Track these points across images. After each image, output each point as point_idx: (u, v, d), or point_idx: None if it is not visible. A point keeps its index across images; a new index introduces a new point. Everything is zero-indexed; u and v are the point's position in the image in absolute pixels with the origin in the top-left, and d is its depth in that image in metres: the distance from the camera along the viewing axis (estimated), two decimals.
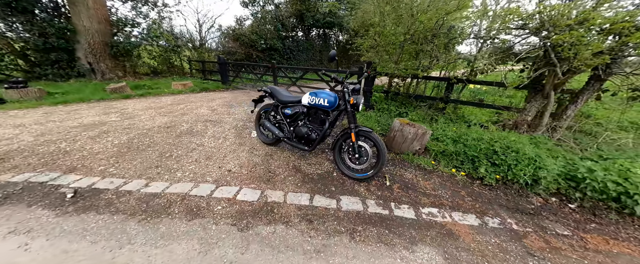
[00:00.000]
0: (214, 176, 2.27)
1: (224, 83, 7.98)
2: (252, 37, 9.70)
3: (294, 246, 1.47)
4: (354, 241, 1.56)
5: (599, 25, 2.28)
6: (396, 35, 3.81)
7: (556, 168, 2.21)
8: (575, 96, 2.76)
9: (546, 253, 1.60)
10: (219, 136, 3.35)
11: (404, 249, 1.53)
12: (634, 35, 2.09)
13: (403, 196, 2.15)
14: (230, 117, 4.40)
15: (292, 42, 11.68)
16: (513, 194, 2.27)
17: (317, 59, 13.57)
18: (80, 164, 2.40)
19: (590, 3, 2.53)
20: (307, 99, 2.45)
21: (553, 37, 2.37)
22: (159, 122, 3.89)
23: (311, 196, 2.02)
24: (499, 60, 3.20)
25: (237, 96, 6.45)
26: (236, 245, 1.45)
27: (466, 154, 2.62)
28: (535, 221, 1.92)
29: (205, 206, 1.81)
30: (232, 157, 2.68)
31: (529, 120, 3.04)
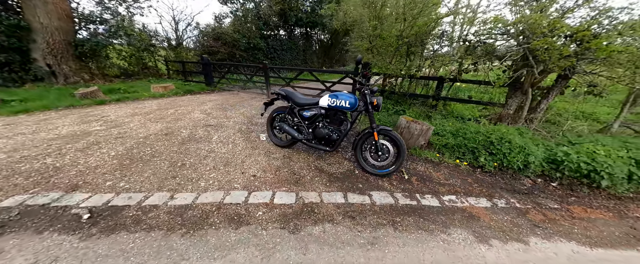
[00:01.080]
0: (241, 182, 2.23)
1: (208, 85, 7.57)
2: (234, 36, 9.31)
3: (348, 241, 1.57)
4: (398, 231, 1.71)
5: (565, 33, 2.74)
6: (392, 38, 4.06)
7: (540, 154, 2.63)
8: (547, 92, 3.28)
9: (546, 224, 1.93)
10: (226, 141, 3.24)
11: (441, 233, 1.72)
12: (592, 42, 2.57)
13: (423, 187, 2.36)
14: (229, 120, 4.25)
15: (276, 41, 11.48)
16: (508, 178, 2.64)
17: (302, 58, 13.52)
18: (82, 181, 2.16)
19: (555, 14, 3.04)
20: (327, 101, 2.53)
21: (532, 43, 2.78)
22: (153, 129, 3.60)
23: (344, 194, 2.12)
24: (483, 60, 3.63)
25: (227, 98, 6.20)
26: (295, 247, 1.49)
27: (466, 146, 2.95)
28: (531, 199, 2.28)
29: (246, 213, 1.80)
30: (252, 162, 2.64)
31: (511, 113, 3.52)
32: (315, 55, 14.74)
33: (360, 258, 1.45)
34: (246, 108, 5.26)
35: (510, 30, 3.09)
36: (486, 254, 1.57)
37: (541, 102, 3.37)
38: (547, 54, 2.74)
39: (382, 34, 4.29)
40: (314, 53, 14.60)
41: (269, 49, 11.20)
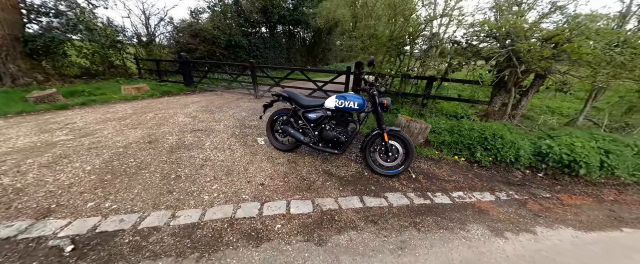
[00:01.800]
0: (249, 192, 2.07)
1: (187, 85, 7.01)
2: (214, 33, 8.74)
3: (378, 248, 1.53)
4: (421, 232, 1.72)
5: (544, 37, 3.02)
6: (385, 38, 4.12)
7: (528, 148, 2.87)
8: (527, 90, 3.59)
9: (544, 212, 2.10)
10: (222, 147, 3.01)
11: (461, 230, 1.77)
12: (566, 45, 2.86)
13: (431, 185, 2.42)
14: (219, 124, 3.96)
15: (258, 39, 11.06)
16: (502, 171, 2.84)
17: (285, 57, 13.22)
18: (54, 204, 1.82)
19: (532, 19, 3.33)
20: (334, 103, 2.46)
21: (516, 45, 3.01)
22: (133, 136, 3.21)
23: (360, 198, 2.08)
24: (470, 61, 3.86)
25: (212, 100, 5.79)
26: (326, 261, 1.41)
27: (462, 142, 3.10)
28: (525, 190, 2.47)
29: (263, 228, 1.66)
30: (256, 169, 2.47)
31: (496, 110, 3.79)
32: (299, 53, 14.53)
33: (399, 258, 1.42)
34: (235, 110, 4.96)
35: (495, 33, 3.31)
36: (505, 247, 1.64)
37: (521, 100, 3.69)
38: (529, 56, 2.98)
39: (377, 34, 4.33)
40: (297, 51, 14.38)
41: (252, 47, 10.75)
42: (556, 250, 1.65)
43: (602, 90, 3.67)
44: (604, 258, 1.61)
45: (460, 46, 3.77)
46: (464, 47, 3.74)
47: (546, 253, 1.62)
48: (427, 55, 4.17)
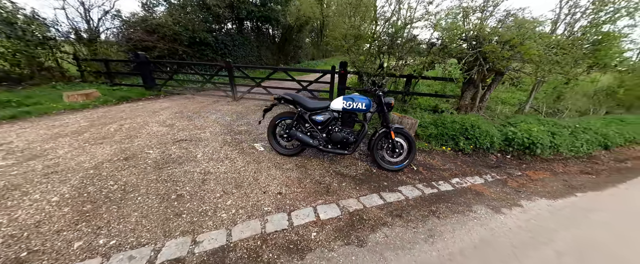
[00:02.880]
0: (269, 203, 1.97)
1: (149, 88, 6.14)
2: (175, 29, 7.79)
3: (413, 240, 1.64)
4: (441, 219, 1.90)
5: (503, 40, 3.56)
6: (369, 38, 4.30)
7: (498, 135, 3.38)
8: (489, 85, 4.20)
9: (522, 188, 2.53)
10: (218, 158, 2.76)
11: (470, 212, 2.01)
12: (520, 47, 3.44)
13: (431, 175, 2.67)
14: (204, 131, 3.61)
15: (226, 36, 10.28)
16: (481, 156, 3.29)
17: (256, 55, 12.61)
18: (25, 251, 1.44)
19: (492, 25, 3.89)
20: (342, 104, 2.50)
21: (483, 47, 3.50)
22: (101, 154, 2.70)
23: (379, 195, 2.18)
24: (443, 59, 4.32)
25: (184, 104, 5.20)
26: (374, 260, 1.45)
27: (447, 134, 3.48)
28: (503, 171, 2.92)
29: (299, 239, 1.62)
30: (267, 178, 2.35)
31: (467, 103, 4.34)
32: (270, 51, 14.00)
33: (432, 252, 1.55)
34: (216, 114, 4.57)
35: (465, 37, 3.77)
36: (505, 221, 1.94)
37: (485, 94, 4.30)
38: (493, 56, 3.50)
39: (362, 34, 4.48)
40: (267, 49, 13.84)
41: (219, 44, 9.94)
42: (541, 218, 2.01)
43: (541, 83, 4.53)
44: (572, 220, 2.04)
45: (436, 47, 4.18)
46: (439, 48, 4.16)
47: (535, 221, 1.97)
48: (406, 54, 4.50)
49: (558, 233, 1.83)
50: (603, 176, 2.95)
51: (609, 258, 1.63)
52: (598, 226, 1.98)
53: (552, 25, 4.18)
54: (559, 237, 1.79)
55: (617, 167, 3.26)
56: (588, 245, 1.73)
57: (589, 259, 1.60)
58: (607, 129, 3.85)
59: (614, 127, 3.97)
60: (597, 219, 2.06)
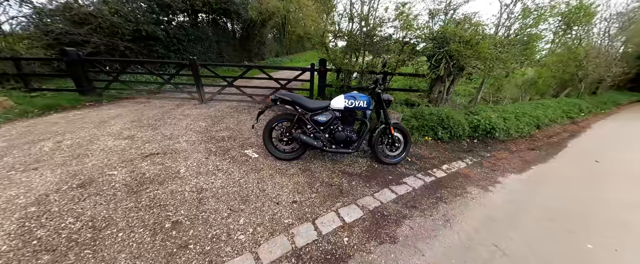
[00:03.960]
0: (288, 215, 1.82)
1: (84, 93, 4.95)
2: (113, 20, 6.42)
3: (434, 227, 1.75)
4: (448, 203, 2.08)
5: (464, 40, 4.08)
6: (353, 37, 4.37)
7: (466, 123, 3.89)
8: (453, 80, 4.78)
9: (494, 167, 2.98)
10: (207, 171, 2.42)
11: (466, 193, 2.27)
12: (476, 46, 4.00)
13: (424, 164, 2.91)
14: (178, 142, 3.12)
15: (180, 30, 9.02)
16: (456, 143, 3.74)
17: (215, 51, 11.46)
18: None
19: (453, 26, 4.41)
20: (343, 103, 2.47)
21: (450, 46, 3.94)
22: (40, 184, 2.06)
23: (390, 189, 2.25)
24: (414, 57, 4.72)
25: (140, 111, 4.38)
26: (411, 254, 1.49)
27: (427, 125, 3.83)
28: (476, 154, 3.38)
29: (333, 247, 1.54)
30: (274, 187, 2.17)
31: (435, 97, 4.85)
32: (231, 47, 12.91)
33: (454, 235, 1.69)
34: (186, 120, 3.99)
35: (434, 37, 4.18)
36: (494, 197, 2.26)
37: (450, 87, 4.88)
38: (458, 54, 3.98)
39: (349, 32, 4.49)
40: (228, 45, 12.72)
41: (170, 39, 8.64)
42: (516, 191, 2.41)
43: (488, 77, 5.39)
44: (537, 189, 2.50)
45: (408, 46, 4.51)
46: (411, 47, 4.51)
47: (514, 194, 2.34)
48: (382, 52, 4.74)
49: (533, 201, 2.23)
50: (543, 150, 3.72)
51: (571, 215, 2.06)
52: (555, 190, 2.48)
53: (495, 28, 5.00)
54: (534, 203, 2.18)
55: (549, 142, 4.15)
56: (553, 207, 2.15)
57: (557, 217, 1.99)
58: (536, 113, 4.86)
59: (540, 110, 5.04)
60: (552, 185, 2.58)
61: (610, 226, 1.96)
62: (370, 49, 4.82)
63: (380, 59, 4.81)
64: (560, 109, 5.71)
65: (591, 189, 2.57)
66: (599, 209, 2.19)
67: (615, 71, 8.01)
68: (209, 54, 10.89)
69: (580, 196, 2.42)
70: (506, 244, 1.66)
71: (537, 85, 6.52)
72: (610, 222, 2.00)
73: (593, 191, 2.53)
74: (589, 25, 6.44)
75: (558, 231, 1.84)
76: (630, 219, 2.04)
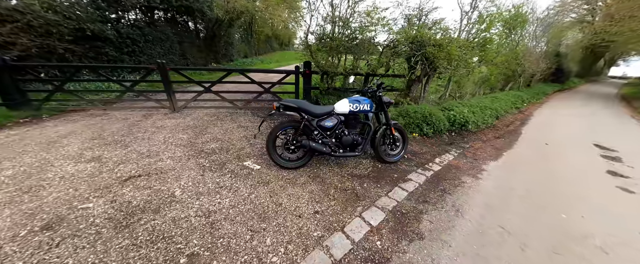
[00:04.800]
0: (314, 227, 1.77)
1: (14, 107, 3.98)
2: (48, 17, 5.26)
3: (449, 218, 1.91)
4: (452, 195, 2.29)
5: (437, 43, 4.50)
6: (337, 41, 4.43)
7: (445, 119, 4.32)
8: (428, 80, 5.24)
9: (475, 156, 3.37)
10: (208, 190, 2.20)
11: (464, 183, 2.53)
12: (447, 48, 4.46)
13: (419, 159, 3.13)
14: (160, 159, 2.75)
15: (134, 29, 7.88)
16: (439, 137, 4.12)
17: (178, 52, 10.38)
18: None
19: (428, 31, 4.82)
20: (348, 107, 2.50)
21: (426, 49, 4.31)
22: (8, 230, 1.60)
23: (400, 187, 2.36)
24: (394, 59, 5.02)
25: (99, 125, 3.71)
26: (438, 246, 1.60)
27: (413, 123, 4.13)
28: (457, 145, 3.78)
29: (371, 253, 1.56)
30: (290, 200, 2.08)
31: (414, 96, 5.25)
32: (196, 48, 11.82)
33: (468, 223, 1.86)
34: (161, 133, 3.53)
35: (412, 41, 4.52)
36: (485, 184, 2.56)
37: (425, 86, 5.33)
38: (433, 56, 4.38)
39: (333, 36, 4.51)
40: (193, 46, 11.63)
41: (123, 40, 7.52)
42: (500, 177, 2.77)
43: (454, 75, 6.05)
44: (513, 173, 2.92)
45: (389, 49, 4.78)
46: (390, 49, 4.78)
47: (499, 180, 2.69)
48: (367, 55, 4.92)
49: (513, 185, 2.59)
50: (506, 138, 4.35)
51: (541, 192, 2.47)
52: (524, 172, 2.93)
53: (458, 33, 5.63)
54: (514, 187, 2.54)
55: (508, 130, 4.87)
56: (528, 188, 2.55)
57: (533, 196, 2.37)
58: (494, 105, 5.65)
59: (497, 103, 5.88)
60: (521, 168, 3.05)
61: (570, 198, 2.40)
62: (353, 51, 4.96)
63: (364, 61, 4.99)
64: (509, 101, 6.75)
65: (548, 168, 3.11)
66: (558, 185, 2.67)
67: (543, 67, 9.83)
68: (170, 56, 9.82)
69: (543, 175, 2.91)
70: (508, 225, 1.90)
71: (490, 81, 7.59)
72: (569, 195, 2.46)
73: (550, 170, 3.06)
74: (523, 30, 7.75)
75: (538, 208, 2.18)
76: (582, 192, 2.53)
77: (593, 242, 1.80)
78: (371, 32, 4.69)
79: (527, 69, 8.59)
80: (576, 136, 4.77)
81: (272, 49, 25.51)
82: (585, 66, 16.61)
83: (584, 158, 3.54)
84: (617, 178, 2.91)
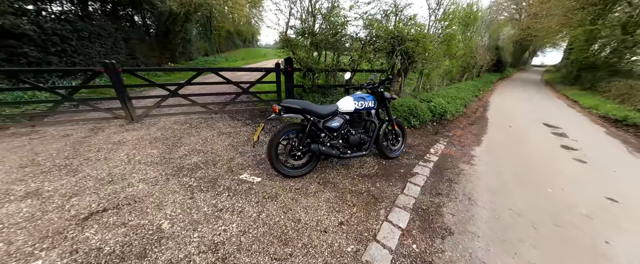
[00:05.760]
0: (346, 241, 1.60)
1: None
2: None
3: (463, 208, 1.97)
4: (457, 183, 2.39)
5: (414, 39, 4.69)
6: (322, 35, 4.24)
7: (428, 110, 4.56)
8: (405, 74, 5.46)
9: (461, 144, 3.62)
10: (206, 216, 1.85)
11: (462, 171, 2.67)
12: (423, 42, 4.68)
13: (417, 152, 3.21)
14: (129, 183, 2.24)
15: (62, 23, 6.35)
16: (424, 128, 4.32)
17: (125, 52, 8.83)
18: None
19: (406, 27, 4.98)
20: (353, 105, 2.38)
21: (405, 44, 4.45)
22: None
23: (412, 183, 2.35)
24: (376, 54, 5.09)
25: (31, 147, 2.85)
26: (472, 238, 1.61)
27: (401, 116, 4.24)
28: (443, 134, 4.01)
29: (412, 260, 1.47)
30: (308, 213, 1.87)
31: (396, 90, 5.43)
32: (147, 46, 10.20)
33: (482, 210, 1.95)
34: (124, 149, 2.90)
35: (392, 36, 4.61)
36: (480, 169, 2.75)
37: (404, 81, 5.56)
38: (412, 51, 4.56)
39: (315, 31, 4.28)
40: (143, 43, 10.00)
41: (48, 37, 6.01)
42: (489, 162, 3.01)
43: (426, 69, 6.47)
44: (496, 157, 3.21)
45: (370, 45, 4.80)
46: (370, 44, 4.82)
47: (489, 165, 2.92)
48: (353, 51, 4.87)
49: (500, 167, 2.85)
50: (478, 124, 4.82)
51: (524, 171, 2.76)
52: (503, 155, 3.25)
53: (427, 29, 5.99)
54: (502, 169, 2.79)
55: (476, 116, 5.41)
56: (512, 169, 2.82)
57: (519, 175, 2.64)
58: (461, 95, 6.23)
59: (462, 93, 6.50)
60: (500, 151, 3.38)
61: (547, 174, 2.74)
62: (336, 47, 4.84)
63: (347, 58, 4.91)
64: (469, 90, 7.54)
65: (521, 150, 3.52)
66: (534, 163, 3.03)
67: (488, 59, 11.31)
68: (114, 56, 8.29)
69: (519, 156, 3.28)
70: (514, 206, 2.05)
71: (452, 73, 8.37)
72: (545, 171, 2.81)
73: (523, 151, 3.47)
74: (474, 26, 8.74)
75: (528, 187, 2.43)
76: (552, 167, 2.92)
77: (579, 211, 2.05)
78: (353, 27, 4.64)
79: (478, 61, 9.74)
80: (527, 117, 5.57)
81: (235, 46, 23.86)
82: (516, 57, 19.84)
83: (541, 137, 4.14)
84: (570, 151, 3.46)
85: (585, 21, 9.71)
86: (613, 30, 9.31)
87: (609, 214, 2.04)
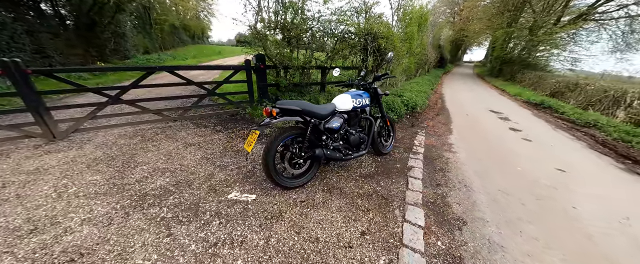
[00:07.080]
0: (373, 254, 1.47)
1: None
2: None
3: (469, 197, 2.07)
4: (450, 172, 2.54)
5: (384, 35, 4.87)
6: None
7: (402, 104, 4.81)
8: (377, 70, 5.65)
9: (437, 134, 3.92)
10: (202, 257, 1.46)
11: (448, 160, 2.85)
12: (392, 39, 4.91)
13: (404, 145, 3.31)
14: (68, 229, 1.65)
15: None
16: (400, 121, 4.54)
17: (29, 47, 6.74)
18: None
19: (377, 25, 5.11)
20: (351, 103, 2.26)
21: (378, 41, 4.58)
22: None
23: (413, 178, 2.37)
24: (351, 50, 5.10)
25: None
26: (483, 224, 1.68)
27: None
28: (417, 126, 4.28)
29: (442, 260, 1.43)
30: (324, 229, 1.66)
31: None
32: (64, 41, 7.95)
33: (480, 195, 2.09)
34: (48, 180, 2.13)
35: (365, 33, 4.67)
36: (461, 156, 3.00)
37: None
38: (384, 48, 4.72)
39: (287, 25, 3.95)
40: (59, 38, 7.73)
41: None
42: (465, 147, 3.32)
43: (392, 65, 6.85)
44: (468, 143, 3.57)
45: (343, 41, 4.76)
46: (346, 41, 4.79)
47: (466, 151, 3.21)
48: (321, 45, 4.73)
49: (475, 153, 3.17)
50: (442, 114, 5.33)
51: (496, 155, 3.13)
52: (473, 140, 3.65)
53: (393, 27, 6.33)
54: (477, 154, 3.11)
55: (439, 108, 6.00)
56: (484, 153, 3.18)
57: (492, 158, 2.98)
58: (423, 89, 6.83)
59: (422, 87, 7.16)
60: (469, 138, 3.79)
61: (510, 154, 3.17)
62: (311, 42, 4.64)
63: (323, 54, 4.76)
64: (426, 84, 8.37)
65: (484, 135, 4.02)
66: (497, 146, 3.49)
67: (435, 56, 12.83)
68: (14, 53, 6.25)
69: (485, 141, 3.73)
70: (501, 187, 2.27)
71: (410, 69, 9.17)
72: (507, 152, 3.25)
73: (485, 136, 3.97)
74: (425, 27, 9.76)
75: (503, 167, 2.75)
76: (511, 147, 3.40)
77: (544, 183, 2.41)
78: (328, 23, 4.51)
79: (429, 58, 10.94)
80: (476, 106, 6.48)
81: (183, 43, 21.10)
82: (453, 54, 23.22)
83: (493, 122, 4.84)
84: (518, 132, 4.12)
85: (503, 24, 11.97)
86: (523, 31, 11.75)
87: (563, 182, 2.46)
